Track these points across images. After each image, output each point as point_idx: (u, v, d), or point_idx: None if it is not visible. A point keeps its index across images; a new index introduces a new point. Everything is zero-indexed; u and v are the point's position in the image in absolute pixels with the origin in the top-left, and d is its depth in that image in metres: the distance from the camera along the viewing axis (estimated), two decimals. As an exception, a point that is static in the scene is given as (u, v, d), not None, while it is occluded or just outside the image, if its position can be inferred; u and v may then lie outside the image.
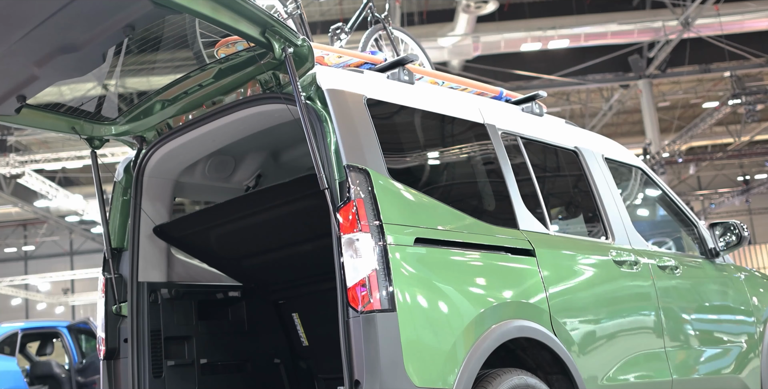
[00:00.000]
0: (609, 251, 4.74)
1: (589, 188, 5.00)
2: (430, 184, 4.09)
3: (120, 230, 4.57)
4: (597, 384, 4.20)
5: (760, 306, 5.99)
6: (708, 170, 38.40)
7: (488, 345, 3.59)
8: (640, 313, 4.78)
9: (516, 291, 3.94)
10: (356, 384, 3.27)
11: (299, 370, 5.23)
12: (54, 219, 34.77)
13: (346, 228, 3.44)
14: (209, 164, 4.98)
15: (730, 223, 5.90)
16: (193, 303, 4.74)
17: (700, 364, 5.18)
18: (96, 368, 11.49)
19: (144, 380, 4.32)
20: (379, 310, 3.29)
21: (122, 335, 4.40)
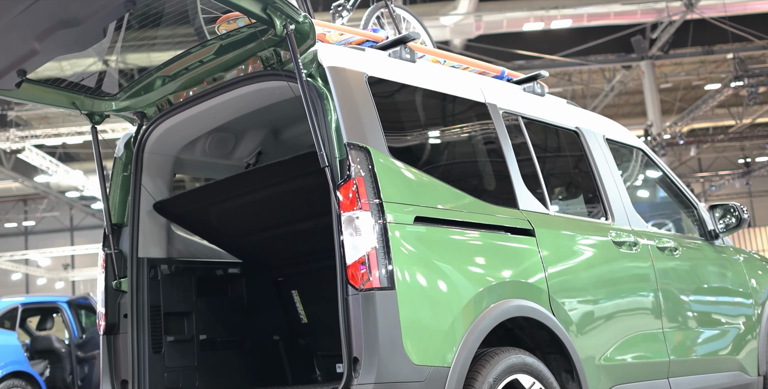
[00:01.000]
0: (608, 232, 4.74)
1: (589, 169, 5.00)
2: (431, 163, 4.08)
3: (120, 206, 4.58)
4: (594, 364, 4.22)
5: (758, 288, 6.01)
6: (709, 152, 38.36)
7: (487, 324, 3.60)
8: (639, 294, 4.79)
9: (515, 271, 3.95)
10: (355, 361, 3.29)
11: (298, 347, 5.25)
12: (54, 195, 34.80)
13: (346, 206, 3.44)
14: (210, 141, 4.97)
15: (730, 205, 5.90)
16: (192, 280, 4.75)
17: (697, 345, 5.20)
18: (96, 343, 11.54)
19: (144, 355, 4.33)
20: (378, 288, 3.30)
21: (122, 310, 4.42)
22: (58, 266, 44.56)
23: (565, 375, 4.13)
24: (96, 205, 36.69)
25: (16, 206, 42.43)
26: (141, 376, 4.30)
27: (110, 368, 4.37)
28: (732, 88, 24.59)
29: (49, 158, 26.76)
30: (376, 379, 3.21)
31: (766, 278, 6.20)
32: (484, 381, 3.51)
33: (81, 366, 11.90)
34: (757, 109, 30.92)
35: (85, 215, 41.84)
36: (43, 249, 41.67)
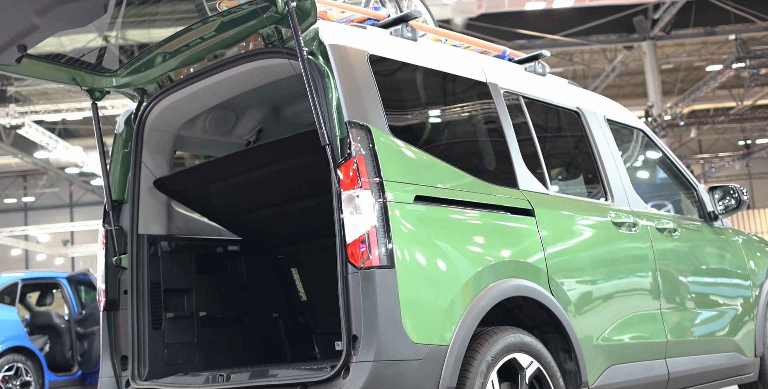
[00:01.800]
0: (608, 213, 4.75)
1: (590, 149, 5.00)
2: (431, 142, 4.08)
3: (120, 183, 4.58)
4: (592, 344, 4.24)
5: (756, 269, 6.02)
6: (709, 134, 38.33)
7: (485, 303, 3.61)
8: (637, 274, 4.81)
9: (514, 251, 3.96)
10: (354, 339, 3.30)
11: (297, 325, 5.27)
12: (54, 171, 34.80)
13: (346, 185, 3.44)
14: (210, 118, 4.97)
15: (729, 187, 5.91)
16: (192, 256, 4.76)
17: (695, 326, 5.23)
18: (95, 319, 11.59)
19: (143, 331, 4.35)
20: (377, 266, 3.31)
21: (122, 286, 4.43)
22: (57, 243, 44.64)
23: (563, 355, 4.15)
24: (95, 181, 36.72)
25: (15, 182, 42.44)
26: (141, 352, 4.32)
27: (110, 344, 4.39)
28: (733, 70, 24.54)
29: (48, 134, 26.73)
30: (375, 357, 3.23)
31: (765, 259, 6.21)
32: (483, 360, 3.53)
33: (81, 341, 11.95)
34: (758, 90, 30.87)
35: (84, 191, 41.87)
36: (43, 225, 41.72)
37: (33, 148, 30.12)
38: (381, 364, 3.23)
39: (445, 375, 3.35)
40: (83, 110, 24.87)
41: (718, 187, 5.97)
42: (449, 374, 3.36)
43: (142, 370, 4.29)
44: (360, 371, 3.24)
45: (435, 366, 3.34)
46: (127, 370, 4.30)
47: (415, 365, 3.29)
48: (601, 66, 29.41)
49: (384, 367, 3.23)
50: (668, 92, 31.60)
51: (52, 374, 11.42)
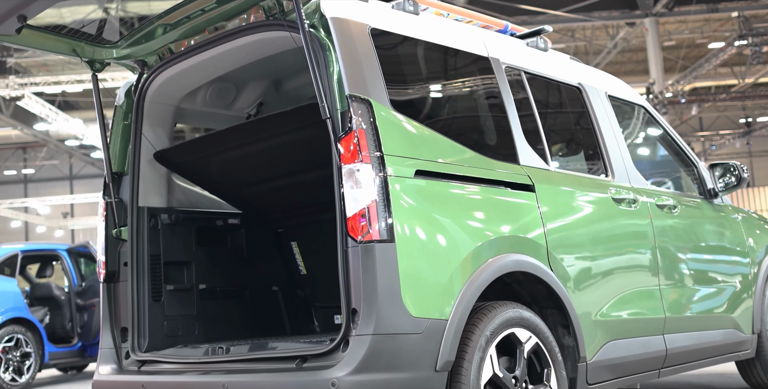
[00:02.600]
0: (608, 189, 4.75)
1: (591, 125, 4.99)
2: (432, 117, 4.07)
3: (120, 155, 4.57)
4: (591, 319, 4.26)
5: (755, 247, 6.03)
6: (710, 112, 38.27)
7: (485, 278, 3.62)
8: (637, 251, 4.81)
9: (514, 226, 3.96)
10: (353, 312, 3.31)
11: (297, 298, 5.28)
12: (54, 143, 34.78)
13: (346, 159, 3.44)
14: (211, 91, 4.95)
15: (730, 164, 5.90)
16: (192, 229, 4.77)
17: (693, 303, 5.24)
18: (95, 291, 11.61)
19: (143, 303, 4.37)
20: (377, 240, 3.31)
21: (122, 258, 4.44)
22: (57, 215, 44.70)
23: (561, 330, 4.17)
24: (96, 154, 36.70)
25: (15, 154, 42.42)
26: (141, 324, 4.34)
27: (110, 315, 4.41)
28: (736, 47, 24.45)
29: (48, 106, 26.69)
30: (374, 330, 3.24)
31: (764, 237, 6.23)
32: (481, 334, 3.54)
33: (80, 313, 11.98)
34: (760, 68, 30.76)
35: (84, 163, 41.87)
36: (43, 197, 41.78)
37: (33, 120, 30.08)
38: (380, 338, 3.24)
39: (444, 348, 3.36)
40: (83, 82, 24.81)
41: (719, 164, 5.96)
42: (448, 348, 3.37)
43: (142, 342, 4.31)
44: (359, 344, 3.25)
45: (434, 340, 3.36)
46: (127, 342, 4.33)
47: (414, 339, 3.30)
48: (603, 42, 29.30)
49: (383, 341, 3.24)
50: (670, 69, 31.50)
51: (52, 345, 11.47)
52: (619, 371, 4.46)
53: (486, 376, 3.54)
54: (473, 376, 3.46)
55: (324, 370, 3.28)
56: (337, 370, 3.23)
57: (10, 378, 10.78)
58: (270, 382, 3.44)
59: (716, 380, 7.04)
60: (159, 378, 4.00)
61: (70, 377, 13.11)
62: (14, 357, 10.86)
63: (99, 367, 4.35)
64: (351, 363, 3.22)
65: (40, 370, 11.35)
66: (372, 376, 3.20)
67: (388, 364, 3.24)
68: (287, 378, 3.39)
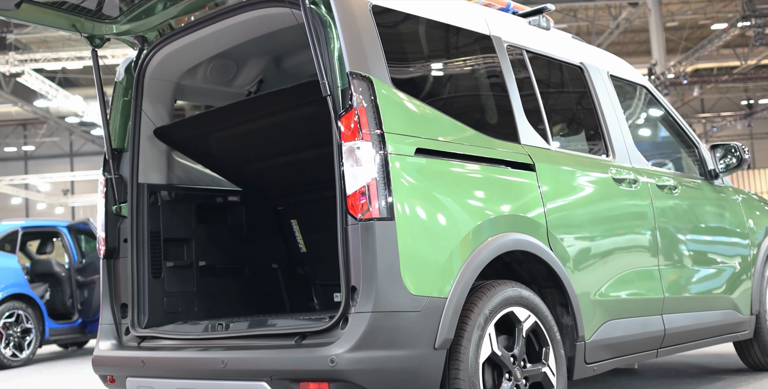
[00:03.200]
0: (609, 169, 4.74)
1: (592, 105, 4.98)
2: (433, 95, 4.05)
3: (120, 131, 4.56)
4: (590, 299, 4.27)
5: (755, 228, 6.03)
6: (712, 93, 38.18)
7: (484, 257, 3.62)
8: (636, 231, 4.82)
9: (514, 205, 3.96)
10: (353, 290, 3.32)
11: (296, 276, 5.29)
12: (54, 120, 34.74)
13: (347, 136, 3.43)
14: (211, 68, 4.93)
15: (731, 145, 5.89)
16: (192, 206, 4.76)
17: (692, 283, 5.25)
18: (95, 268, 11.64)
19: (143, 279, 4.37)
20: (377, 218, 3.31)
21: (122, 235, 4.44)
22: (57, 192, 44.73)
23: (560, 309, 4.18)
24: (96, 131, 36.67)
25: (15, 131, 42.38)
26: (140, 300, 4.34)
27: (110, 292, 4.41)
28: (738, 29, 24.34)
29: (48, 83, 26.63)
30: (373, 308, 3.24)
31: (764, 218, 6.23)
32: (480, 313, 3.55)
33: (81, 290, 12.01)
34: (762, 50, 30.65)
35: (84, 141, 41.84)
36: (43, 174, 41.77)
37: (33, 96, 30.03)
38: (379, 315, 3.24)
39: (443, 327, 3.37)
40: (83, 58, 24.74)
41: (720, 145, 5.96)
42: (447, 326, 3.38)
43: (142, 318, 4.32)
44: (358, 322, 3.26)
45: (433, 318, 3.36)
46: (127, 318, 4.33)
47: (413, 316, 3.30)
48: (605, 23, 29.17)
49: (382, 318, 3.25)
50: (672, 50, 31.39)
51: (52, 321, 11.51)
52: (618, 350, 4.47)
53: (485, 354, 3.55)
54: (472, 354, 3.47)
55: (323, 347, 3.28)
56: (336, 347, 3.24)
57: (11, 354, 10.83)
58: (269, 358, 3.45)
59: (714, 360, 7.06)
60: (159, 353, 4.01)
61: (70, 353, 13.17)
62: (15, 333, 10.91)
63: (99, 343, 4.36)
64: (350, 340, 3.23)
65: (41, 346, 11.41)
66: (371, 353, 3.22)
67: (386, 341, 3.25)
68: (286, 354, 3.40)
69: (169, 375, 3.89)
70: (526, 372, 3.76)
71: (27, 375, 9.84)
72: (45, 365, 11.14)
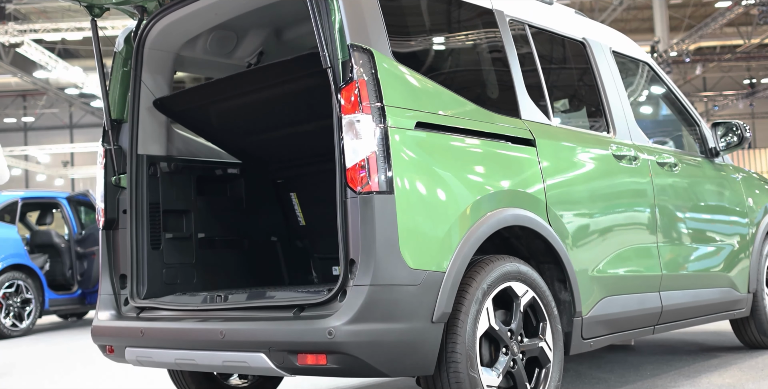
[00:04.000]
0: (609, 146, 4.73)
1: (594, 81, 4.96)
2: (434, 69, 4.03)
3: (120, 102, 4.54)
4: (587, 275, 4.27)
5: (754, 207, 6.04)
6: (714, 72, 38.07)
7: (483, 232, 3.62)
8: (636, 209, 4.82)
9: (514, 180, 3.95)
10: (351, 263, 3.32)
11: (295, 249, 5.29)
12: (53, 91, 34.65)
13: (347, 109, 3.41)
14: (211, 39, 4.90)
15: (732, 123, 5.88)
16: (192, 178, 4.75)
17: (690, 261, 5.26)
18: (95, 239, 11.66)
19: (142, 250, 4.37)
20: (377, 192, 3.30)
21: (121, 206, 4.43)
22: (57, 163, 44.73)
23: (558, 285, 4.18)
24: (95, 103, 36.60)
25: (15, 102, 42.29)
26: (139, 271, 4.35)
27: (109, 262, 4.41)
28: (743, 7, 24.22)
29: (48, 54, 26.52)
30: (371, 281, 3.25)
31: (763, 197, 6.23)
32: (478, 288, 3.55)
33: (80, 261, 12.04)
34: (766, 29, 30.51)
35: (84, 112, 41.78)
36: (43, 146, 41.73)
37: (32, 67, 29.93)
38: (377, 288, 3.25)
39: (441, 301, 3.38)
40: (83, 29, 24.62)
41: (721, 123, 5.95)
42: (445, 300, 3.39)
43: (141, 289, 4.33)
44: (356, 294, 3.26)
45: (431, 291, 3.37)
46: (126, 289, 4.33)
47: (411, 290, 3.31)
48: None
49: (380, 291, 3.25)
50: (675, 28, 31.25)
51: (52, 292, 11.55)
52: (615, 326, 4.49)
53: (482, 329, 3.56)
54: (469, 328, 3.48)
55: (321, 319, 3.29)
56: (334, 319, 3.25)
57: (11, 324, 10.88)
58: (267, 330, 3.46)
59: (710, 338, 7.09)
60: (157, 324, 4.02)
61: (69, 324, 13.23)
62: (15, 303, 10.95)
63: (98, 313, 4.38)
64: (348, 312, 3.24)
65: (41, 316, 11.46)
66: (368, 326, 3.22)
67: (384, 314, 3.25)
68: (284, 326, 3.41)
69: (167, 346, 3.90)
70: (522, 347, 3.77)
71: (27, 344, 9.89)
72: (44, 335, 11.20)
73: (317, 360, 3.29)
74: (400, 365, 3.33)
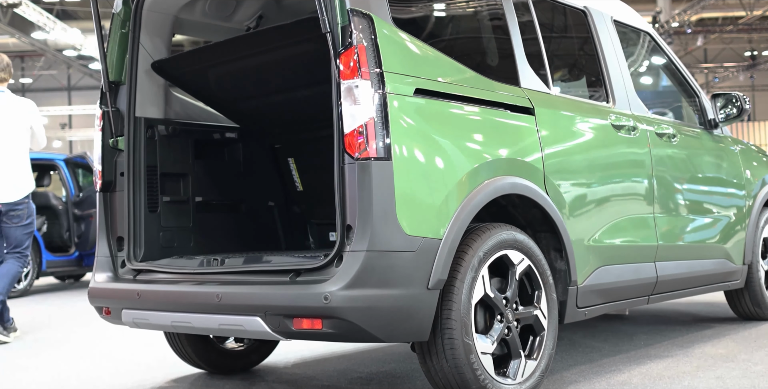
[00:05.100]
0: (608, 115, 4.72)
1: (594, 50, 4.94)
2: (434, 36, 4.01)
3: (118, 64, 4.51)
4: (584, 245, 4.28)
5: (752, 179, 6.05)
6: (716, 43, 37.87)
7: (480, 200, 3.62)
8: (633, 179, 4.82)
9: (512, 149, 3.94)
10: (348, 229, 3.32)
11: (292, 214, 5.30)
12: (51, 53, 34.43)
13: (345, 75, 3.40)
14: (210, 2, 4.85)
15: (732, 94, 5.87)
16: (189, 142, 4.74)
17: (686, 232, 5.27)
18: (92, 202, 11.66)
19: (140, 213, 4.37)
20: (374, 158, 3.30)
21: (119, 168, 4.42)
22: (55, 126, 44.59)
23: (554, 254, 4.20)
24: (94, 65, 36.39)
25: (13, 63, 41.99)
26: (137, 234, 4.35)
27: (106, 224, 4.42)
28: (747, -23, 24.02)
29: (46, 15, 26.32)
30: (368, 247, 3.25)
31: (761, 170, 6.23)
32: (474, 255, 3.56)
33: (78, 223, 12.05)
34: (770, 0, 30.30)
35: (82, 75, 41.58)
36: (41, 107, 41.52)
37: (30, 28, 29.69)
38: (374, 254, 3.26)
39: (437, 267, 3.39)
40: (82, -9, 24.40)
41: (721, 94, 5.93)
42: (441, 267, 3.40)
43: (138, 251, 4.33)
44: (353, 260, 3.27)
45: (427, 258, 3.38)
46: (123, 251, 4.34)
47: (407, 256, 3.32)
48: (611, -32, 28.71)
49: (376, 257, 3.26)
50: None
51: (49, 254, 11.57)
52: (609, 296, 4.51)
53: (477, 296, 3.57)
54: (464, 295, 3.50)
55: (317, 284, 3.30)
56: (330, 284, 3.26)
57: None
58: (263, 294, 3.47)
59: (704, 309, 7.14)
60: (154, 287, 4.03)
61: (67, 285, 13.28)
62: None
63: (95, 275, 4.38)
64: (344, 278, 3.25)
65: (38, 278, 11.49)
66: (364, 291, 3.24)
67: (380, 280, 3.27)
68: (281, 290, 3.42)
69: (163, 308, 3.92)
70: (517, 315, 3.79)
71: (24, 305, 9.93)
72: (42, 296, 11.24)
73: (313, 325, 3.31)
74: (395, 331, 3.35)
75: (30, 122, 7.03)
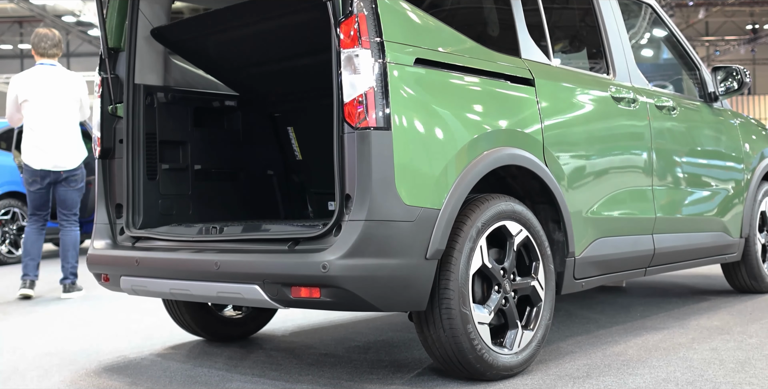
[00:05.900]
0: (608, 87, 4.71)
1: (595, 22, 4.91)
2: (435, 6, 4.00)
3: (117, 30, 4.48)
4: (582, 216, 4.29)
5: (750, 153, 6.05)
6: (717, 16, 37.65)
7: (479, 170, 3.62)
8: (632, 151, 4.82)
9: (512, 120, 3.94)
10: (347, 198, 3.33)
11: (291, 183, 5.30)
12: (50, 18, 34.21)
13: (346, 44, 3.38)
14: (210, -32, 4.83)
15: (733, 68, 5.85)
16: (189, 109, 4.73)
17: (684, 205, 5.28)
18: (91, 169, 11.63)
19: (138, 180, 4.37)
20: (374, 127, 3.29)
21: (118, 135, 4.42)
22: (53, 92, 44.26)
23: (552, 225, 4.20)
24: (93, 32, 36.18)
25: (11, 28, 41.79)
26: (135, 201, 4.35)
27: (105, 191, 4.42)
28: (751, -51, 23.84)
29: (45, -20, 26.11)
30: (367, 216, 3.26)
31: (760, 143, 6.23)
32: (473, 226, 3.57)
33: (76, 191, 12.02)
34: (773, -27, 30.09)
35: (81, 41, 41.31)
36: (39, 74, 41.24)
37: (29, -7, 29.51)
38: (372, 223, 3.26)
39: (435, 237, 3.40)
40: (81, -44, 24.20)
41: (722, 68, 5.92)
42: (439, 237, 3.41)
43: (137, 219, 4.34)
44: (351, 229, 3.28)
45: (425, 228, 3.38)
46: (122, 218, 4.35)
47: (406, 226, 3.33)
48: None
49: (375, 227, 3.27)
50: (681, -30, 30.78)
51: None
52: (607, 267, 4.53)
53: (475, 266, 3.59)
54: (462, 266, 3.51)
55: (315, 253, 3.31)
56: (328, 253, 3.27)
57: (7, 251, 10.95)
58: (262, 262, 3.48)
59: (701, 281, 7.17)
60: (152, 254, 4.04)
61: (64, 252, 13.27)
62: (11, 230, 11.00)
63: (93, 242, 4.40)
64: (342, 247, 3.26)
65: (36, 244, 11.48)
66: (362, 261, 3.25)
67: (379, 250, 3.28)
68: (279, 259, 3.43)
69: (162, 275, 3.93)
70: (515, 285, 3.81)
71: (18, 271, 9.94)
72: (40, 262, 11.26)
73: (311, 293, 3.32)
74: (392, 300, 3.37)
75: (79, 95, 7.73)
